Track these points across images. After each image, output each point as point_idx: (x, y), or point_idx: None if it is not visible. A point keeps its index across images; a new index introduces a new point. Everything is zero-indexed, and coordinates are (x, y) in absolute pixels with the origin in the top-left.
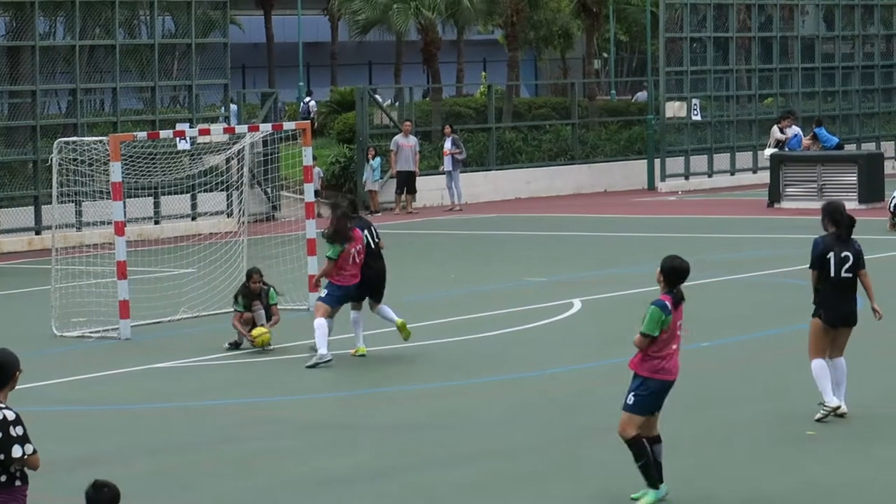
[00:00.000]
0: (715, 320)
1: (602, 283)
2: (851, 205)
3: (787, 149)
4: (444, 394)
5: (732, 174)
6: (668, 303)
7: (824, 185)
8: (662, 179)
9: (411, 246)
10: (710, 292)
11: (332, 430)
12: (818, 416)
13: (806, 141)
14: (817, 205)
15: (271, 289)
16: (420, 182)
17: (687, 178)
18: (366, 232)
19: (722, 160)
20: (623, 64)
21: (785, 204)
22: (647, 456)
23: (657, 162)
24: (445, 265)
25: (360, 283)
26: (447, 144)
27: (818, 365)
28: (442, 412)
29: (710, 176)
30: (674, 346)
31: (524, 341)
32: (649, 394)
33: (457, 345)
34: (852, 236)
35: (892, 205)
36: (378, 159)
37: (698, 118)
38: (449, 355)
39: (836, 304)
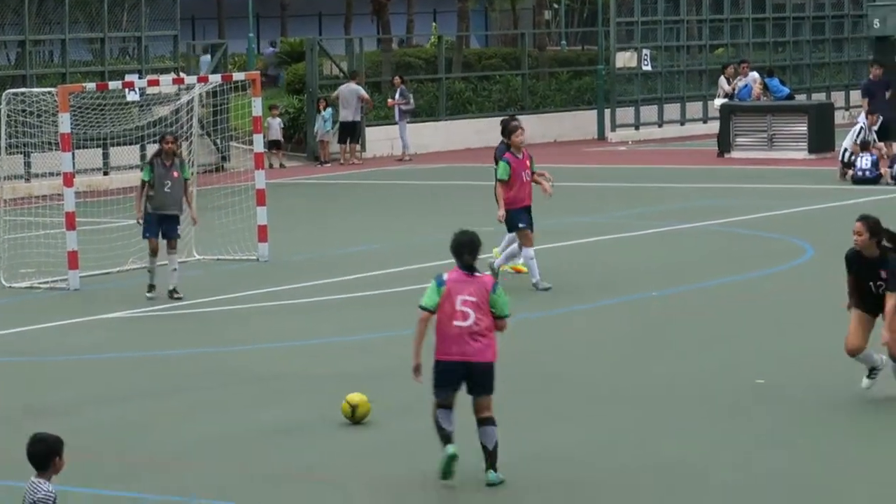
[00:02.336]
0: (663, 270)
1: (550, 232)
2: (801, 155)
3: (737, 99)
4: (396, 343)
5: (682, 124)
6: (446, 275)
7: (774, 135)
8: (612, 129)
9: (357, 197)
10: (659, 242)
11: (282, 380)
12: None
13: (756, 90)
14: (767, 155)
15: (185, 163)
16: (370, 133)
17: (637, 128)
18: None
19: (672, 110)
20: (573, 14)
21: (735, 154)
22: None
23: (607, 112)
24: (393, 216)
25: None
26: (397, 96)
27: None
28: (395, 364)
29: (660, 126)
30: (454, 324)
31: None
32: (437, 374)
33: (407, 294)
34: None
35: (841, 154)
36: (329, 110)
37: (648, 68)
38: (400, 306)
39: None
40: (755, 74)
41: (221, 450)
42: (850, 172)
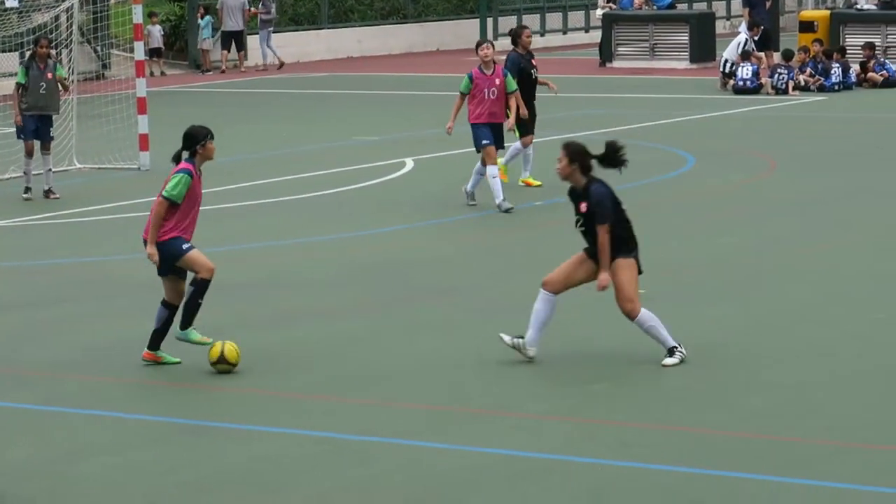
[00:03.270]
0: (546, 180)
1: (434, 142)
2: (683, 64)
3: (618, 7)
4: (275, 253)
5: (565, 33)
6: (191, 169)
7: (656, 44)
8: (495, 38)
9: (240, 105)
10: (540, 153)
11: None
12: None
13: (638, 0)
14: (648, 64)
15: (58, 63)
16: (249, 41)
17: None
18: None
19: (554, 19)
20: None
21: (616, 63)
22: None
23: (490, 21)
24: (275, 124)
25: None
26: (259, 6)
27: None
28: (274, 271)
29: (542, 35)
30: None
31: (354, 200)
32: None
33: (287, 204)
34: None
35: (722, 64)
36: (207, 18)
37: None
38: (279, 215)
39: None
40: None
41: (103, 359)
42: (731, 82)
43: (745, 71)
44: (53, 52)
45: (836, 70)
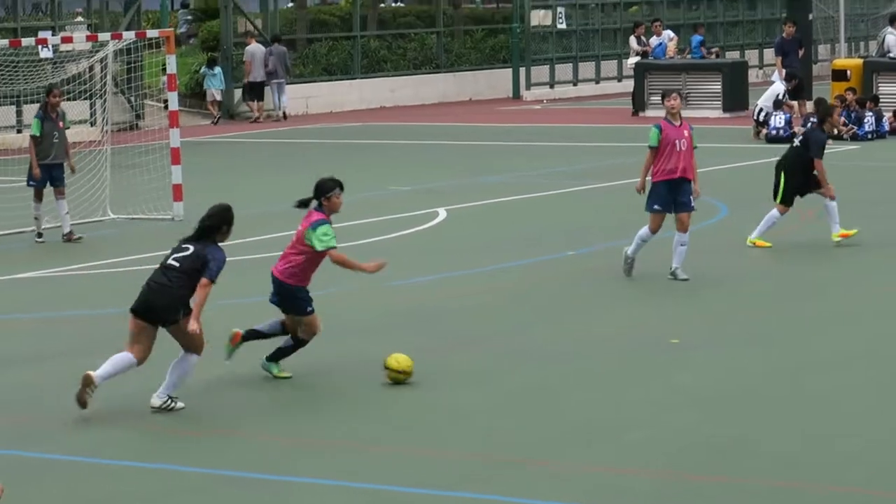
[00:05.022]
0: (580, 229)
1: (467, 192)
2: (715, 113)
3: (651, 57)
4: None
5: (597, 83)
6: (327, 219)
7: (689, 93)
8: (527, 88)
9: (275, 154)
10: (573, 201)
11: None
12: None
13: (671, 49)
14: (682, 114)
15: (64, 113)
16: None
17: (552, 86)
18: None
19: (587, 69)
20: None
21: (649, 112)
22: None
23: (522, 70)
24: (308, 174)
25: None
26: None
27: None
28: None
29: (574, 84)
30: None
31: (389, 250)
32: None
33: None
34: None
35: (756, 113)
36: (218, 68)
37: (563, 26)
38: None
39: None
40: (669, 32)
41: (136, 407)
42: (764, 131)
43: (777, 120)
44: (63, 100)
45: (869, 119)
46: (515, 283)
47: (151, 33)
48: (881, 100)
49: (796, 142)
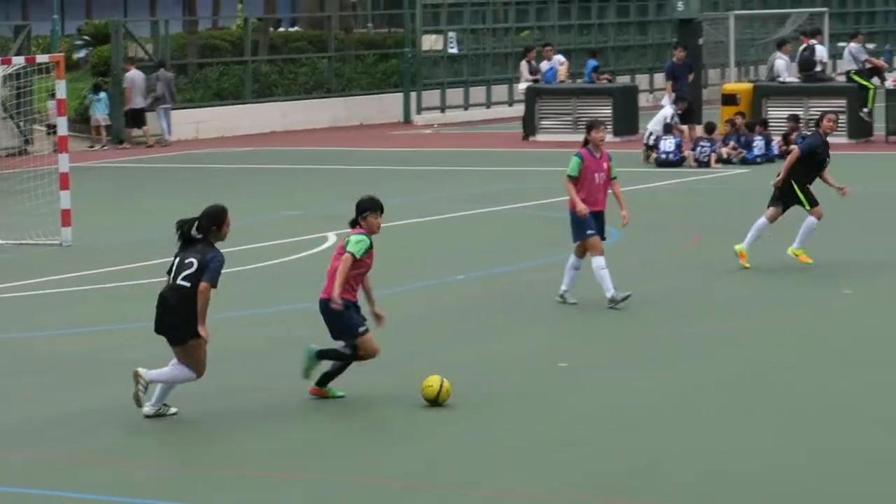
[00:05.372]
0: (470, 253)
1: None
2: (606, 137)
3: (542, 81)
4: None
5: (488, 107)
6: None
7: (579, 117)
8: (418, 112)
9: (166, 179)
10: (463, 225)
11: (87, 364)
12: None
13: (562, 73)
14: (572, 137)
15: None
16: (174, 116)
17: (443, 111)
18: None
19: (478, 93)
20: None
21: (540, 136)
22: None
23: (413, 95)
24: (199, 199)
25: None
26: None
27: None
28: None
29: (465, 109)
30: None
31: (278, 275)
32: None
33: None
34: None
35: (647, 137)
36: (103, 94)
37: (455, 51)
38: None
39: None
40: (560, 57)
41: (35, 435)
42: (654, 155)
43: (667, 144)
44: None
45: (758, 143)
46: (405, 308)
47: (41, 58)
48: (770, 124)
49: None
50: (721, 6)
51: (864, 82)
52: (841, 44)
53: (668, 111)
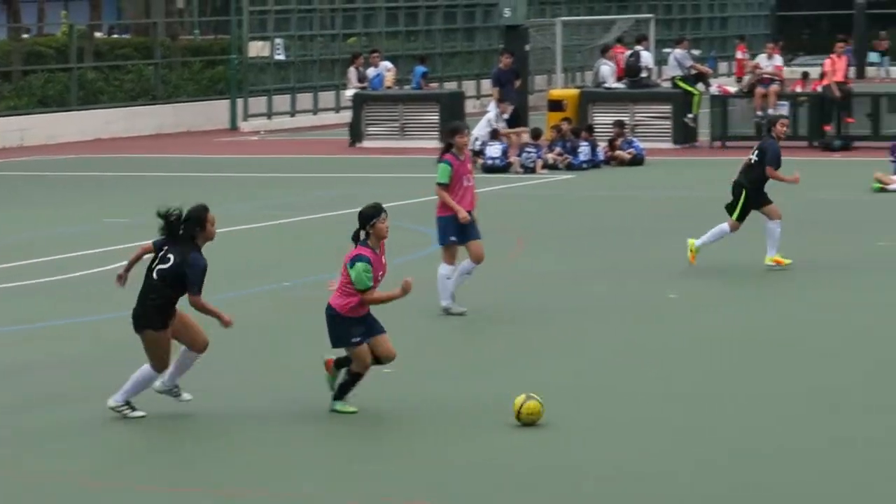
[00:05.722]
0: (295, 259)
1: None
2: (433, 143)
3: (369, 88)
4: (16, 341)
5: (315, 114)
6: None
7: (406, 124)
8: (245, 119)
9: None
10: (288, 232)
11: None
12: None
13: (389, 79)
14: (399, 144)
15: None
16: None
17: (270, 117)
18: None
19: (305, 100)
20: (207, 3)
21: (367, 143)
22: None
23: (240, 102)
24: (22, 207)
25: None
26: None
27: None
28: (18, 356)
29: (292, 115)
30: None
31: (105, 281)
32: None
33: (36, 287)
34: None
35: (472, 142)
36: None
37: (282, 58)
38: (24, 298)
39: None
40: (387, 63)
41: None
42: (480, 161)
43: (493, 150)
44: None
45: (584, 148)
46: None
47: None
48: (596, 129)
49: (753, 158)
50: (548, 13)
51: (690, 88)
52: (666, 50)
53: (491, 114)
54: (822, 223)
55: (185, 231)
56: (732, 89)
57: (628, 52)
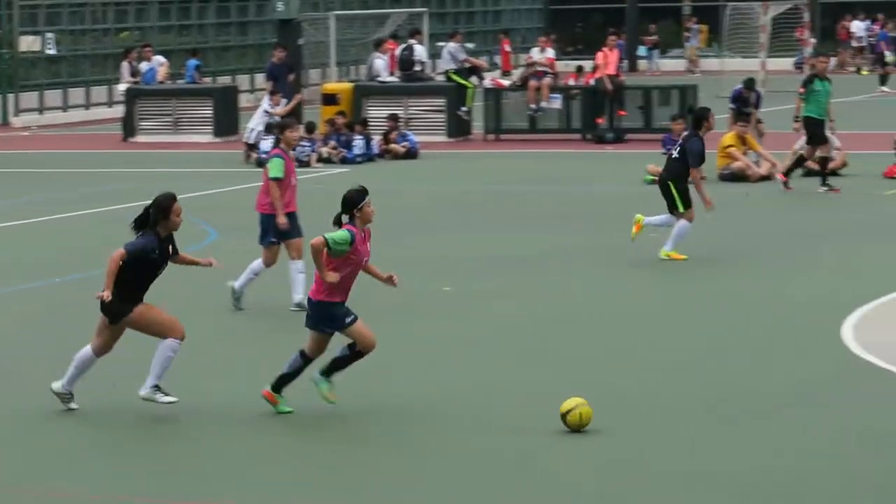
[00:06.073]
0: (63, 257)
1: None
2: (206, 138)
3: (142, 82)
4: None
5: (88, 109)
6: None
7: (179, 118)
8: (16, 115)
9: None
10: (58, 228)
11: None
12: None
13: (162, 73)
14: (172, 138)
15: None
16: None
17: (41, 112)
18: None
19: (77, 94)
20: None
21: (140, 138)
22: None
23: (10, 97)
24: None
25: None
26: None
27: None
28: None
29: (65, 110)
30: None
31: None
32: None
33: None
34: None
35: (248, 133)
36: None
37: (53, 52)
38: None
39: None
40: (160, 58)
41: None
42: (255, 155)
43: (268, 143)
44: None
45: (358, 142)
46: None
47: None
48: (370, 123)
49: (674, 153)
50: (321, 6)
51: (463, 81)
52: (440, 43)
53: (265, 104)
54: (595, 216)
55: (150, 219)
56: (506, 82)
57: (402, 46)
